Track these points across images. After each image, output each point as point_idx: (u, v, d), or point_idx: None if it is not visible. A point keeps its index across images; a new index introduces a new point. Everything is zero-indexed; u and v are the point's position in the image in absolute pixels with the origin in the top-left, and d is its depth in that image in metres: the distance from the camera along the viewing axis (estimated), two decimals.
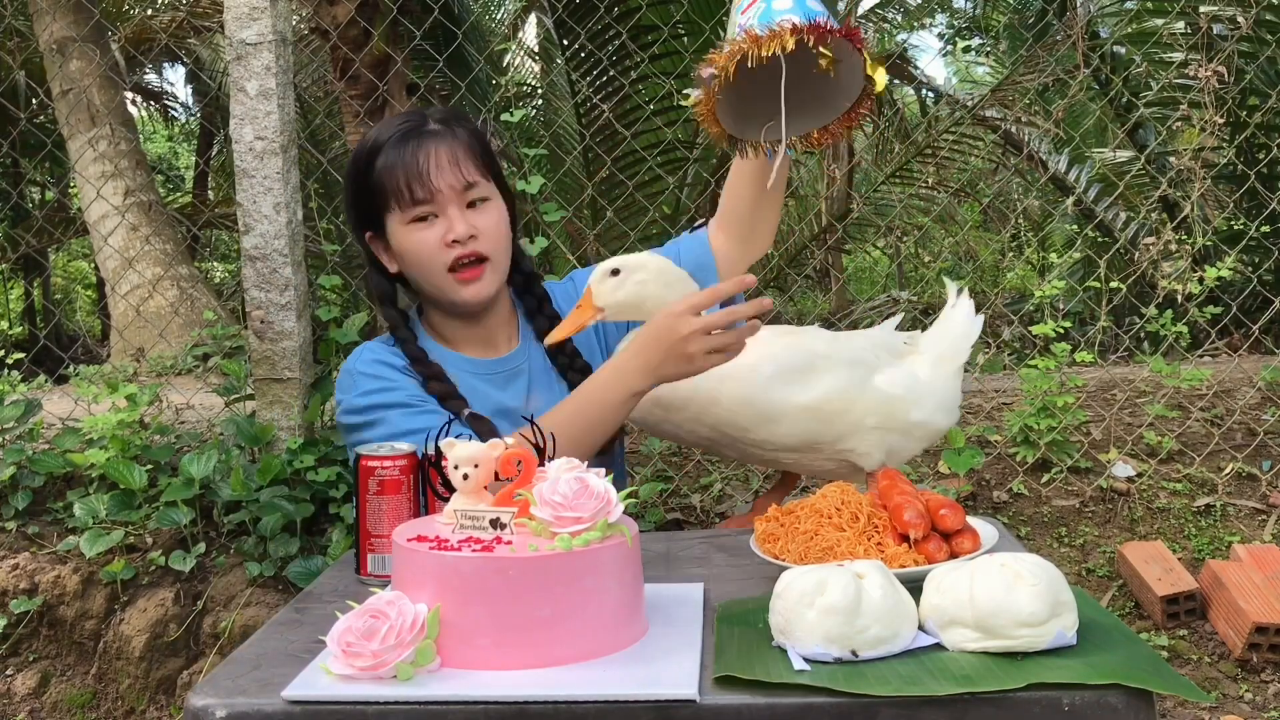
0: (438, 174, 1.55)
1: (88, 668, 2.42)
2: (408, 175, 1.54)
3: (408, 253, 1.59)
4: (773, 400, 1.53)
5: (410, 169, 1.54)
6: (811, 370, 1.55)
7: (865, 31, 9.73)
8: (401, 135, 1.57)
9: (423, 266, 1.59)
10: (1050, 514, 2.67)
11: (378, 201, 1.58)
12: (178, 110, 10.71)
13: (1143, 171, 5.04)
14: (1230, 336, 3.73)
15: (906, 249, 7.97)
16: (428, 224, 1.57)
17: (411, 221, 1.57)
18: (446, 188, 1.55)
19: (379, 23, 3.83)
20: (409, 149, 1.55)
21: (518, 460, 1.12)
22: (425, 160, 1.55)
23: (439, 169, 1.55)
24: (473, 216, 1.58)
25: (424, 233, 1.57)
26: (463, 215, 1.57)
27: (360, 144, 1.62)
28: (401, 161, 1.55)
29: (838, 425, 1.56)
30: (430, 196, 1.55)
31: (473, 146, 1.59)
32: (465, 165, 1.57)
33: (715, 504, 2.71)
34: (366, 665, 0.97)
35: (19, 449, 2.56)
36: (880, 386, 1.58)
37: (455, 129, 1.59)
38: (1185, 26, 4.40)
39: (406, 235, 1.58)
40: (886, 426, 1.57)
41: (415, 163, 1.55)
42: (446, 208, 1.56)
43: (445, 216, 1.56)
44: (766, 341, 1.56)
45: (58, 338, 8.11)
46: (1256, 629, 2.26)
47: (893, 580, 1.04)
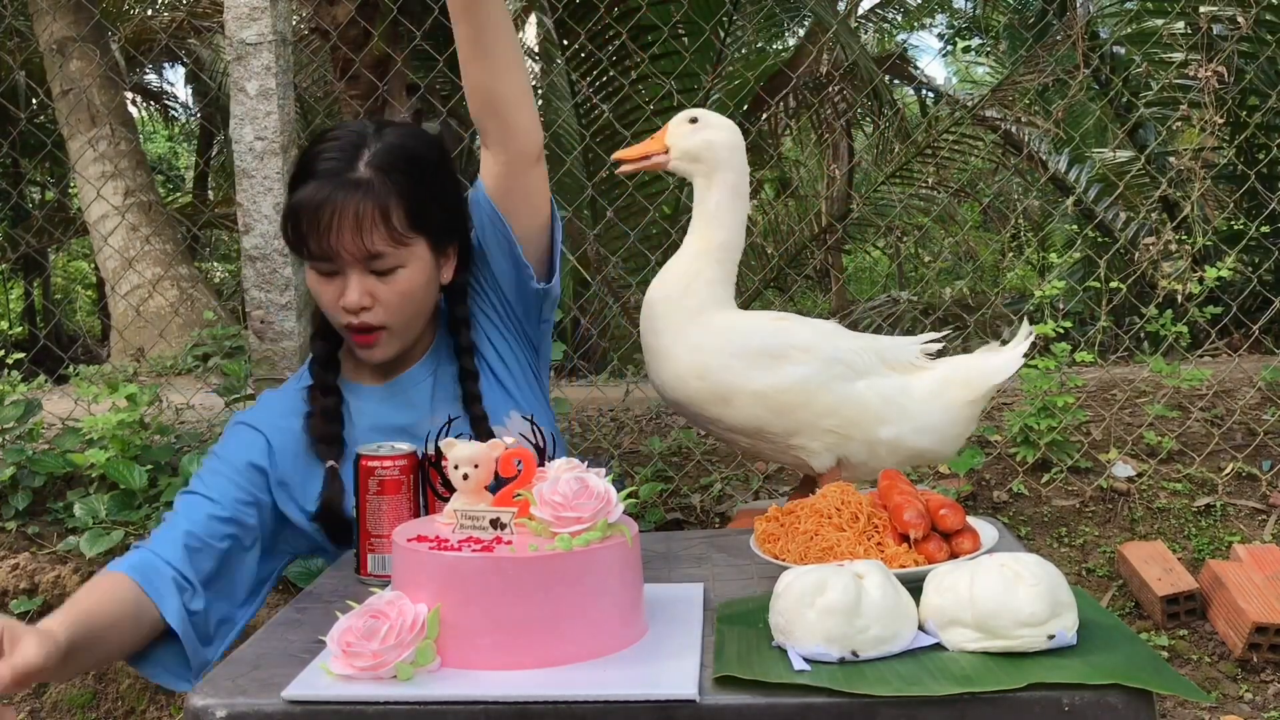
0: (337, 237, 1.37)
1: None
2: (310, 229, 1.38)
3: (312, 293, 1.46)
4: (727, 380, 1.51)
5: (312, 223, 1.37)
6: (781, 358, 1.51)
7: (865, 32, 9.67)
8: (322, 176, 1.38)
9: (324, 312, 1.46)
10: (1050, 514, 2.67)
11: None
12: (178, 110, 10.72)
13: (1143, 171, 5.04)
14: (1230, 336, 3.73)
15: (906, 249, 7.97)
16: (329, 278, 1.42)
17: (313, 269, 1.43)
18: (345, 253, 1.38)
19: (379, 23, 3.83)
20: (320, 198, 1.37)
21: (518, 460, 1.12)
22: (329, 219, 1.36)
23: (340, 233, 1.37)
24: (374, 284, 1.40)
25: (323, 285, 1.42)
26: (360, 282, 1.40)
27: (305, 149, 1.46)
28: (310, 210, 1.37)
29: (789, 419, 1.52)
30: (329, 256, 1.39)
31: (394, 206, 1.39)
32: (371, 234, 1.37)
33: (715, 504, 2.71)
34: (366, 665, 0.97)
35: (19, 449, 2.56)
36: (853, 392, 1.52)
37: (385, 179, 1.39)
38: (1185, 26, 4.40)
39: (310, 276, 1.44)
40: (844, 433, 1.52)
41: (319, 218, 1.37)
42: (346, 269, 1.40)
43: (344, 277, 1.40)
44: (754, 321, 1.56)
45: (58, 338, 8.11)
46: (1256, 629, 2.26)
47: (893, 580, 1.04)
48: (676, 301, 1.55)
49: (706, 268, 1.56)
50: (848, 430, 1.52)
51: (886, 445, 1.53)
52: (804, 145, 7.60)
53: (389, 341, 1.45)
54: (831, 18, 5.09)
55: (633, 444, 2.97)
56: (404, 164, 1.42)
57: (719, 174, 1.55)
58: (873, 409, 1.52)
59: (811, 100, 6.28)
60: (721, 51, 5.25)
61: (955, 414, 1.56)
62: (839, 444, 1.54)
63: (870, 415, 1.52)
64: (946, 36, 10.22)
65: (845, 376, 1.52)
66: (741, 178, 1.57)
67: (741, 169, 1.57)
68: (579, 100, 4.90)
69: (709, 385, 1.52)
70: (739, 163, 1.56)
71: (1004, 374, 1.56)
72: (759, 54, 6.26)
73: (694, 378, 1.53)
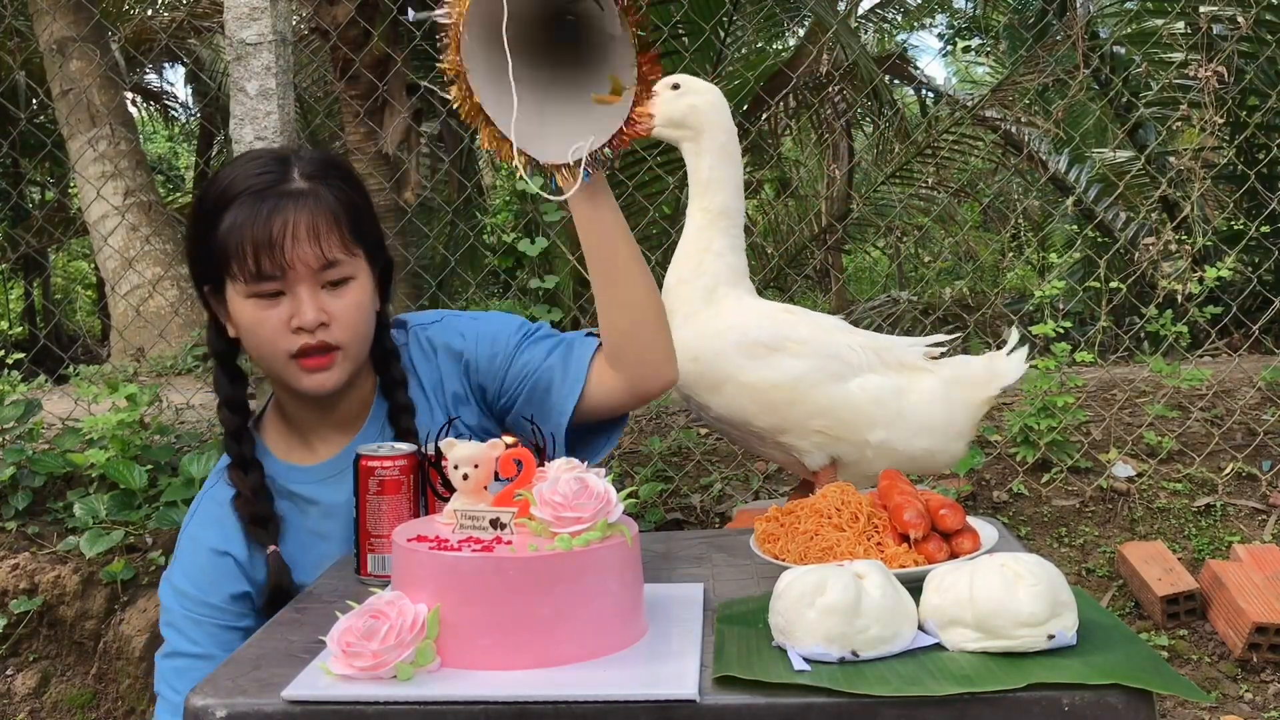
0: (292, 248, 1.29)
1: (88, 668, 2.42)
2: (256, 245, 1.29)
3: (245, 330, 1.35)
4: (720, 367, 1.51)
5: (260, 238, 1.29)
6: (776, 350, 1.51)
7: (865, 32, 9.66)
8: (257, 192, 1.31)
9: (261, 349, 1.35)
10: (1050, 514, 2.67)
11: (218, 261, 1.32)
12: (178, 110, 10.71)
13: (1143, 171, 5.04)
14: (1230, 336, 3.73)
15: (906, 249, 7.97)
16: (272, 301, 1.32)
17: (253, 296, 1.32)
18: (300, 264, 1.30)
19: (379, 23, 3.82)
20: (263, 212, 1.29)
21: (518, 460, 1.12)
22: (279, 229, 1.29)
23: (294, 242, 1.29)
24: (326, 299, 1.33)
25: (267, 312, 1.32)
26: (313, 298, 1.32)
27: (210, 183, 1.37)
28: (252, 227, 1.29)
29: (775, 416, 1.51)
30: (280, 273, 1.30)
31: (340, 214, 1.33)
32: (328, 240, 1.31)
33: (715, 504, 2.71)
34: (366, 665, 0.97)
35: (19, 449, 2.56)
36: (845, 394, 1.51)
37: (323, 188, 1.33)
38: (1185, 26, 4.40)
39: (246, 310, 1.33)
40: (834, 435, 1.51)
41: (267, 231, 1.29)
42: (296, 286, 1.31)
43: (294, 296, 1.32)
44: (759, 311, 1.56)
45: (58, 338, 8.11)
46: (1256, 629, 2.26)
47: (893, 580, 1.04)
48: (691, 282, 1.55)
49: (713, 239, 1.55)
50: (837, 431, 1.52)
51: (875, 449, 1.52)
52: (804, 145, 7.59)
53: (342, 364, 1.36)
54: (831, 18, 5.09)
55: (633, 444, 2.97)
56: (337, 173, 1.38)
57: (706, 136, 1.56)
58: (865, 412, 1.51)
59: (811, 100, 6.28)
60: (721, 51, 5.25)
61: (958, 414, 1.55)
62: (829, 444, 1.53)
63: (862, 418, 1.51)
64: (946, 36, 10.21)
65: (839, 376, 1.51)
66: (730, 137, 1.57)
67: (729, 129, 1.57)
68: None
69: (701, 370, 1.52)
70: (725, 122, 1.56)
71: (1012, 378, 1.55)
72: (759, 54, 6.26)
73: (689, 360, 1.53)
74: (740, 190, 1.59)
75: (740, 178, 1.59)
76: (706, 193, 1.56)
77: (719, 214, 1.56)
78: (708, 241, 1.56)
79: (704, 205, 1.56)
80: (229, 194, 1.32)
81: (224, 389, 1.41)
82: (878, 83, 5.84)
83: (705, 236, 1.56)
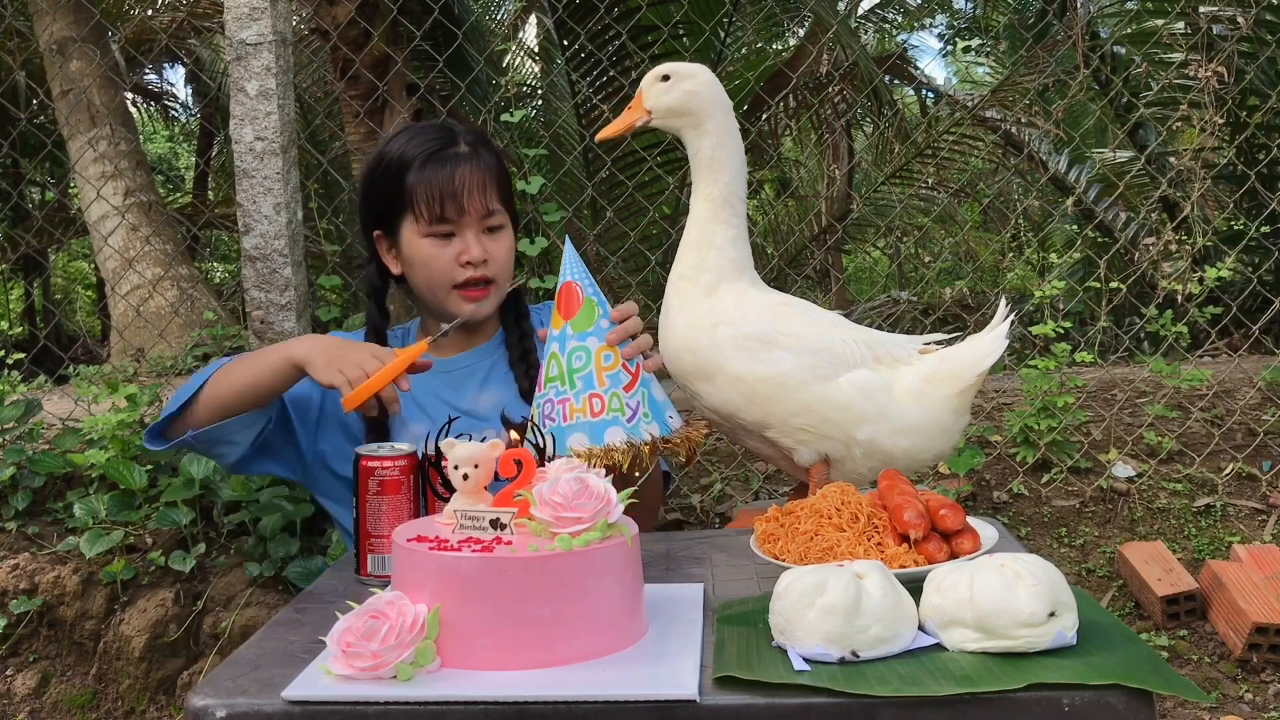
0: (468, 197, 1.63)
1: (88, 668, 2.42)
2: (442, 193, 1.62)
3: (419, 262, 1.66)
4: (712, 358, 1.52)
5: (445, 187, 1.62)
6: (768, 344, 1.51)
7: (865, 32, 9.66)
8: (435, 152, 1.63)
9: (431, 279, 1.66)
10: (1050, 514, 2.67)
11: (398, 207, 1.65)
12: (178, 110, 10.70)
13: (1143, 171, 5.03)
14: (1230, 336, 3.73)
15: (906, 249, 7.97)
16: (445, 241, 1.64)
17: (429, 235, 1.64)
18: (472, 211, 1.63)
19: (379, 23, 3.82)
20: (445, 167, 1.62)
21: (518, 460, 1.12)
22: (459, 182, 1.62)
23: (469, 193, 1.63)
24: (487, 242, 1.66)
25: (440, 248, 1.64)
26: (479, 239, 1.65)
27: (385, 149, 1.67)
28: (437, 178, 1.62)
29: (760, 410, 1.51)
30: (456, 217, 1.63)
31: (497, 174, 1.66)
32: (490, 193, 1.65)
33: (715, 504, 2.71)
34: (366, 665, 0.97)
35: (19, 449, 2.56)
36: (832, 391, 1.50)
37: (483, 153, 1.66)
38: (1185, 26, 4.40)
39: (421, 246, 1.65)
40: (819, 432, 1.51)
41: (451, 182, 1.62)
42: (465, 230, 1.64)
43: (462, 238, 1.64)
44: (755, 303, 1.56)
45: (58, 338, 8.11)
46: (1256, 629, 2.26)
47: (893, 580, 1.04)
48: (692, 279, 1.56)
49: (716, 233, 1.56)
50: (822, 429, 1.51)
51: (863, 446, 1.52)
52: (804, 145, 7.60)
53: (494, 296, 1.68)
54: (831, 18, 5.08)
55: None
56: (488, 144, 1.69)
57: (708, 119, 1.57)
58: (853, 408, 1.50)
59: (811, 100, 6.28)
60: (721, 51, 5.25)
61: (941, 408, 1.53)
62: (814, 441, 1.53)
63: (850, 415, 1.50)
64: (946, 37, 10.22)
65: (830, 370, 1.50)
66: (729, 116, 1.59)
67: (726, 106, 1.59)
68: (579, 100, 4.90)
69: (696, 360, 1.54)
70: (722, 100, 1.59)
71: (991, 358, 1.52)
72: (759, 54, 6.25)
73: (686, 351, 1.55)
74: (742, 171, 1.59)
75: (742, 156, 1.60)
76: (710, 173, 1.57)
77: (722, 203, 1.56)
78: (711, 236, 1.56)
79: (707, 193, 1.57)
80: (408, 155, 1.64)
81: (374, 319, 1.73)
82: (878, 83, 5.85)
83: (709, 230, 1.56)
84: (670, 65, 1.58)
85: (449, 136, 1.66)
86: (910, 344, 1.58)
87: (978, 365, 1.52)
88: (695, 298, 1.55)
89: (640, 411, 1.43)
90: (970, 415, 1.61)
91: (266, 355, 1.56)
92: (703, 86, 1.57)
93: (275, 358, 1.54)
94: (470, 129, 1.70)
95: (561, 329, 1.43)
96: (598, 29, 4.53)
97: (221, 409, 1.58)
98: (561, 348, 1.42)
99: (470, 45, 5.42)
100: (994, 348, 1.53)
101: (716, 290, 1.56)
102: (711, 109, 1.57)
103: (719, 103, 1.57)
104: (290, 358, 1.52)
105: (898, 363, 1.54)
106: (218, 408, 1.58)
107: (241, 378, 1.57)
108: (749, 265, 1.60)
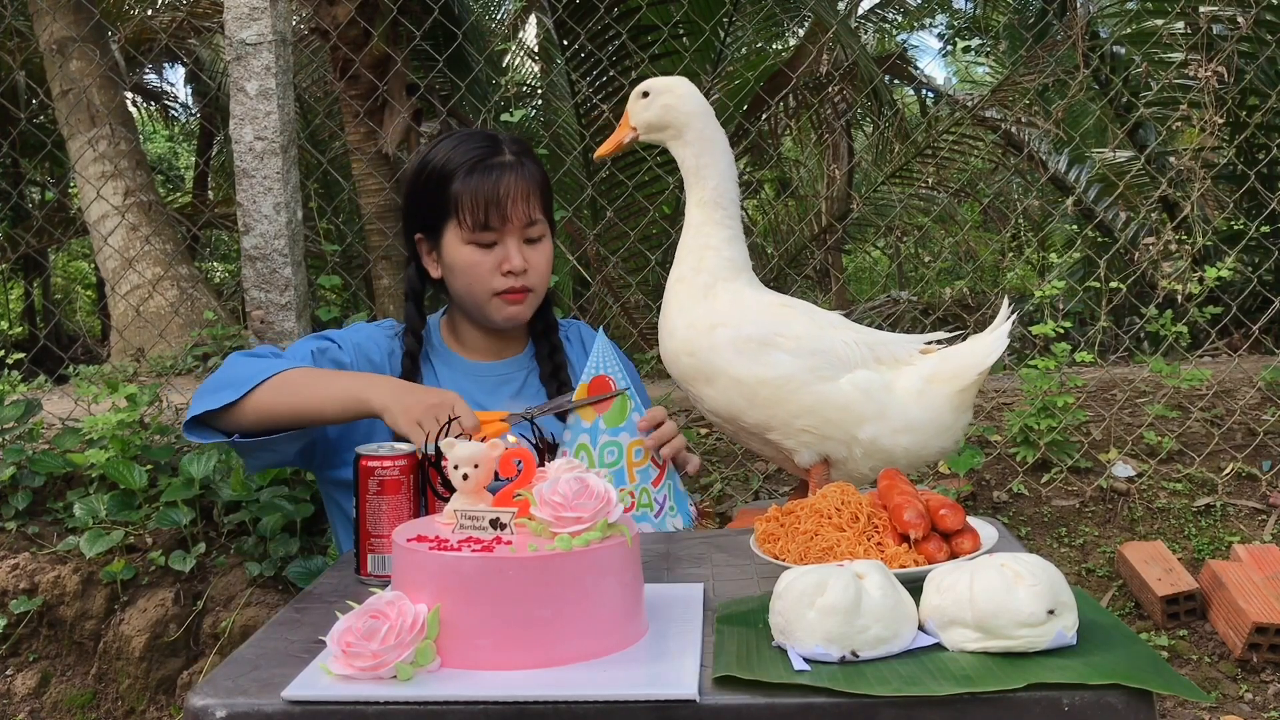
0: (512, 207, 1.63)
1: (88, 668, 2.42)
2: (487, 202, 1.62)
3: (460, 267, 1.67)
4: (712, 360, 1.53)
5: (491, 196, 1.62)
6: (768, 345, 1.51)
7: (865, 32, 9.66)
8: (480, 160, 1.64)
9: (470, 284, 1.67)
10: (1050, 514, 2.67)
11: (441, 213, 1.66)
12: (178, 110, 10.70)
13: (1143, 171, 5.03)
14: (1230, 336, 3.73)
15: (906, 249, 7.97)
16: (487, 250, 1.65)
17: (471, 243, 1.65)
18: (515, 220, 1.64)
19: (379, 23, 3.83)
20: (490, 176, 1.63)
21: (518, 460, 1.12)
22: (504, 191, 1.63)
23: (514, 203, 1.64)
24: (528, 251, 1.67)
25: (482, 255, 1.65)
26: (520, 249, 1.66)
27: (430, 154, 1.69)
28: (483, 187, 1.63)
29: (763, 413, 1.52)
30: (500, 225, 1.64)
31: (539, 184, 1.67)
32: (533, 203, 1.66)
33: (715, 504, 2.71)
34: (366, 665, 0.97)
35: (19, 449, 2.56)
36: (834, 392, 1.50)
37: (526, 163, 1.67)
38: (1185, 26, 4.40)
39: (463, 253, 1.66)
40: (821, 433, 1.51)
41: (496, 191, 1.63)
42: (507, 238, 1.65)
43: (504, 245, 1.65)
44: (755, 304, 1.56)
45: (58, 338, 8.11)
46: (1256, 629, 2.26)
47: (893, 580, 1.04)
48: (690, 280, 1.57)
49: (711, 234, 1.58)
50: (824, 430, 1.52)
51: (864, 445, 1.52)
52: (804, 145, 7.60)
53: (530, 303, 1.70)
54: (831, 18, 5.08)
55: None
56: (530, 154, 1.70)
57: (687, 129, 1.60)
58: (854, 408, 1.50)
59: (811, 100, 6.28)
60: (721, 51, 5.25)
61: (942, 408, 1.53)
62: (816, 443, 1.53)
63: (851, 415, 1.51)
64: (946, 36, 10.21)
65: (830, 371, 1.50)
66: (708, 123, 1.61)
67: (704, 112, 1.61)
68: (579, 100, 4.90)
69: (697, 363, 1.54)
70: (699, 108, 1.61)
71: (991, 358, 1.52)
72: (759, 54, 6.26)
73: (685, 354, 1.56)
74: (731, 174, 1.61)
75: (728, 160, 1.62)
76: (700, 178, 1.60)
77: (714, 205, 1.58)
78: (706, 238, 1.57)
79: (699, 198, 1.59)
80: (453, 163, 1.65)
81: (412, 320, 1.73)
82: (878, 83, 5.84)
83: (704, 233, 1.58)
84: (650, 81, 1.61)
85: (494, 145, 1.67)
86: (911, 344, 1.58)
87: (979, 364, 1.52)
88: (693, 299, 1.56)
89: (667, 506, 1.53)
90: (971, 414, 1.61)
91: (333, 385, 1.52)
92: (679, 99, 1.59)
93: (345, 395, 1.50)
94: (514, 139, 1.71)
95: (594, 422, 1.52)
96: (598, 29, 4.53)
97: (272, 421, 1.54)
98: (593, 440, 1.51)
99: (470, 45, 5.42)
100: (995, 347, 1.53)
101: (713, 290, 1.56)
102: (689, 119, 1.59)
103: (696, 112, 1.59)
104: (365, 401, 1.48)
105: (898, 363, 1.54)
106: (268, 416, 1.53)
107: (304, 402, 1.52)
108: (746, 265, 1.60)
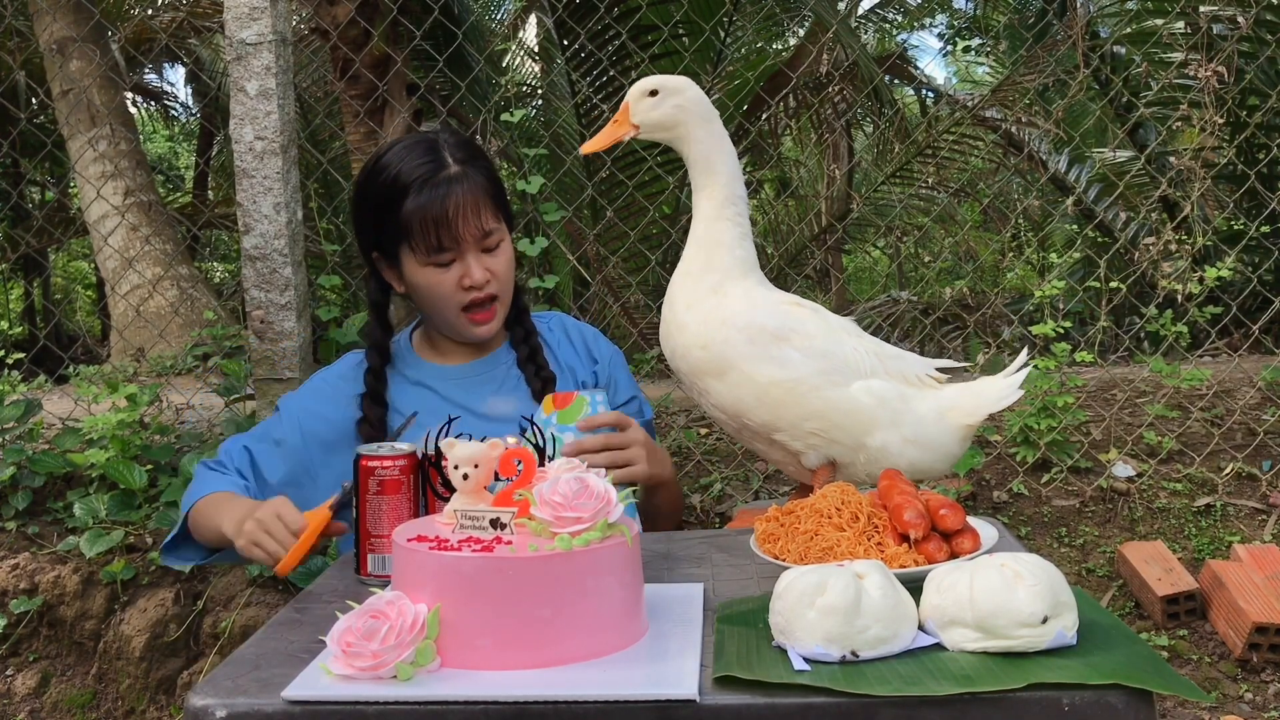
0: (463, 224, 1.58)
1: (88, 668, 2.42)
2: (436, 224, 1.57)
3: (422, 290, 1.63)
4: (726, 354, 1.52)
5: (439, 218, 1.57)
6: (783, 340, 1.51)
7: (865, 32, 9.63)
8: (426, 178, 1.58)
9: (436, 304, 1.64)
10: (1050, 514, 2.67)
11: (394, 237, 1.61)
12: (178, 110, 10.71)
13: (1143, 171, 5.03)
14: (1230, 336, 3.73)
15: (906, 249, 7.97)
16: (445, 268, 1.61)
17: (429, 265, 1.61)
18: (469, 236, 1.60)
19: (379, 23, 3.82)
20: (436, 196, 1.57)
21: (518, 460, 1.12)
22: (453, 210, 1.57)
23: (464, 220, 1.58)
24: (488, 260, 1.63)
25: (441, 275, 1.61)
26: (479, 261, 1.62)
27: (374, 171, 1.63)
28: (430, 209, 1.57)
29: (771, 413, 1.52)
30: (454, 245, 1.59)
31: (489, 189, 1.62)
32: (485, 213, 1.61)
33: (715, 504, 2.71)
34: (366, 665, 0.97)
35: (19, 449, 2.56)
36: (844, 397, 1.51)
37: (472, 170, 1.61)
38: (1185, 26, 4.40)
39: (422, 274, 1.62)
40: (829, 437, 1.52)
41: (444, 212, 1.57)
42: (465, 254, 1.61)
43: (462, 262, 1.61)
44: (767, 300, 1.56)
45: (58, 338, 8.10)
46: (1256, 629, 2.26)
47: (893, 580, 1.04)
48: (699, 277, 1.57)
49: (723, 232, 1.57)
50: (832, 434, 1.52)
51: (870, 453, 1.53)
52: (804, 145, 7.59)
53: (500, 312, 1.67)
54: (831, 18, 5.08)
55: None
56: (476, 154, 1.64)
57: (697, 129, 1.59)
58: (866, 414, 1.51)
59: (811, 100, 6.27)
60: (721, 51, 5.25)
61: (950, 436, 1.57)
62: (823, 446, 1.53)
63: (862, 421, 1.52)
64: (946, 36, 10.21)
65: (840, 376, 1.51)
66: (715, 121, 1.60)
67: (713, 116, 1.61)
68: (579, 100, 4.90)
69: (710, 356, 1.54)
70: (711, 112, 1.60)
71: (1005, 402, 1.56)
72: (759, 54, 6.25)
73: (698, 347, 1.55)
74: (738, 173, 1.62)
75: (735, 160, 1.62)
76: (709, 172, 1.59)
77: (724, 202, 1.58)
78: (719, 235, 1.57)
79: (710, 193, 1.59)
80: (400, 182, 1.58)
81: (375, 336, 1.70)
82: (878, 83, 5.84)
83: (715, 230, 1.58)
84: (657, 80, 1.59)
85: (436, 158, 1.60)
86: (921, 365, 1.59)
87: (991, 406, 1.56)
88: (702, 294, 1.56)
89: None
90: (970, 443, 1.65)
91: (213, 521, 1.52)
92: (691, 101, 1.58)
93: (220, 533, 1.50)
94: (457, 140, 1.64)
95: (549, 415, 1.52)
96: (598, 29, 4.53)
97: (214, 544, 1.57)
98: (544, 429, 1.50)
99: (470, 45, 5.42)
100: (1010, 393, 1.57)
101: (724, 288, 1.56)
102: (700, 121, 1.58)
103: (707, 115, 1.59)
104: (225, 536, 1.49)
105: (906, 381, 1.56)
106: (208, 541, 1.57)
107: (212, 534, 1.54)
108: (755, 265, 1.61)
